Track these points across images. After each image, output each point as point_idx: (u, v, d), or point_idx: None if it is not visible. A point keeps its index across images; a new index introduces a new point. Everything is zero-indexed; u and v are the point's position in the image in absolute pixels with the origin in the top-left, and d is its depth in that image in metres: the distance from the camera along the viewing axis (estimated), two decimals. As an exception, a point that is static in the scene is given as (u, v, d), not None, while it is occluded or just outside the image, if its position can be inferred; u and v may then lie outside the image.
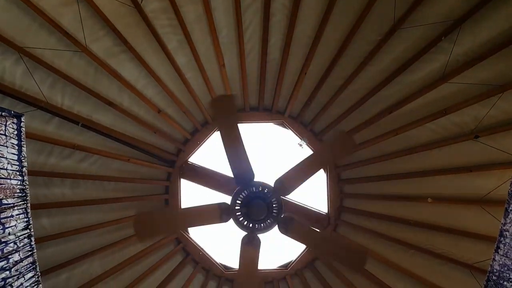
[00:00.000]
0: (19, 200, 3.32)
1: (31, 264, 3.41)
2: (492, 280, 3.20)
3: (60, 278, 4.42)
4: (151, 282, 5.17)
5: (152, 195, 5.19)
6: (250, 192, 3.83)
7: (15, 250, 3.20)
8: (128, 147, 4.80)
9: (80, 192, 4.60)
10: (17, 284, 3.14)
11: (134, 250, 5.01)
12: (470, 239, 4.20)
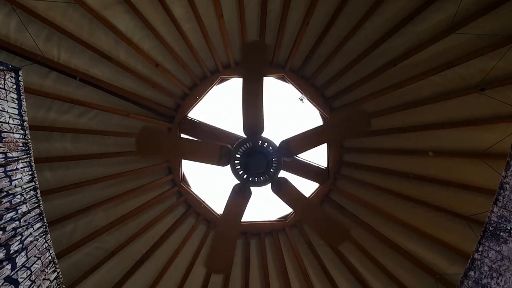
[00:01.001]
0: (23, 153, 3.35)
1: (38, 215, 3.50)
2: (489, 231, 3.27)
3: (66, 229, 4.55)
4: (155, 232, 5.32)
5: (153, 149, 5.20)
6: (254, 145, 3.80)
7: (22, 201, 3.27)
8: (127, 102, 4.76)
9: (81, 146, 4.63)
10: (26, 233, 3.23)
11: (137, 202, 5.13)
12: (469, 192, 4.26)
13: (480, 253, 3.30)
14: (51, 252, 3.58)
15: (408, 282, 4.83)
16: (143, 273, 5.19)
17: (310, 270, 5.49)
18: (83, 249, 4.68)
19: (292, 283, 5.53)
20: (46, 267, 3.43)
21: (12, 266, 2.90)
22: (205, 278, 5.53)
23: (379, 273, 5.03)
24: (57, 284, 3.63)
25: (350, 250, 5.27)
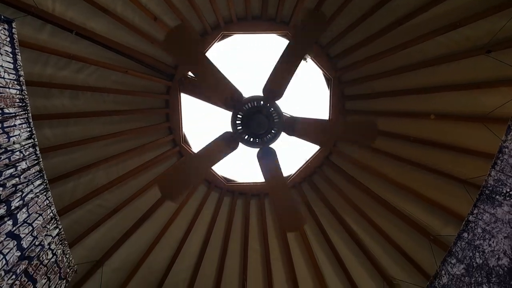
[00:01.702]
0: (20, 109, 3.32)
1: (38, 172, 3.52)
2: (485, 194, 3.30)
3: (67, 186, 4.60)
4: (155, 192, 5.34)
5: (152, 109, 5.16)
6: (245, 111, 3.74)
7: (21, 158, 3.28)
8: (125, 58, 4.65)
9: (79, 103, 4.58)
10: (27, 190, 3.27)
11: (138, 162, 5.16)
12: (468, 156, 4.27)
13: (474, 216, 3.35)
14: (52, 209, 3.64)
15: (403, 242, 4.95)
16: (145, 231, 5.33)
17: (308, 230, 5.61)
18: (85, 207, 4.76)
19: (290, 242, 5.68)
20: (47, 223, 3.50)
21: (14, 222, 2.95)
22: (206, 236, 5.68)
23: (375, 233, 5.15)
24: (60, 240, 3.72)
25: (347, 211, 5.37)
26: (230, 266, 5.72)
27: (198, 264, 5.62)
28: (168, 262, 5.50)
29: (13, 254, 2.89)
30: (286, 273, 5.70)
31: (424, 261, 4.74)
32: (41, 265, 3.35)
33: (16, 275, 2.90)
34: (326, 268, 5.50)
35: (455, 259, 3.48)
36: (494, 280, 3.00)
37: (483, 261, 3.16)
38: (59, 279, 3.69)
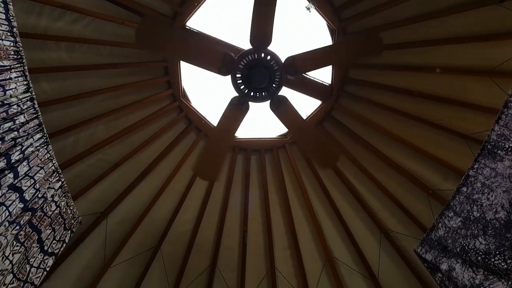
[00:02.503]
0: (15, 62, 3.23)
1: (37, 126, 3.50)
2: (486, 149, 3.28)
3: (68, 141, 4.61)
4: (156, 147, 5.42)
5: (150, 62, 5.03)
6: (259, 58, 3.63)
7: (19, 112, 3.24)
8: (121, 8, 4.46)
9: (76, 56, 4.46)
10: (26, 144, 3.26)
11: (138, 116, 5.13)
12: (472, 111, 4.21)
13: (475, 170, 3.35)
14: (54, 162, 3.65)
15: (402, 197, 5.02)
16: (147, 185, 5.41)
17: (307, 184, 5.68)
18: (87, 161, 4.80)
19: (290, 197, 5.77)
20: (49, 176, 3.53)
21: (15, 175, 2.97)
22: (207, 190, 5.77)
23: (374, 188, 5.22)
24: (63, 193, 3.78)
25: (347, 166, 5.41)
26: (230, 219, 5.87)
27: (200, 217, 5.76)
28: (170, 214, 5.64)
29: (16, 206, 2.94)
30: (286, 225, 5.86)
31: (422, 215, 4.83)
32: (45, 217, 3.43)
33: (20, 225, 2.96)
34: (324, 220, 5.64)
35: (452, 212, 3.53)
36: (490, 232, 3.05)
37: (480, 214, 3.20)
38: (64, 230, 3.79)
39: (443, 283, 3.49)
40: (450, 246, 3.44)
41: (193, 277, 5.69)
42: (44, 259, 3.48)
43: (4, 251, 2.85)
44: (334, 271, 5.45)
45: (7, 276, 2.94)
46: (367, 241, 5.37)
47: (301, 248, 5.71)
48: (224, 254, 5.84)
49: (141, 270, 5.41)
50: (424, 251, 3.82)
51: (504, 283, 2.79)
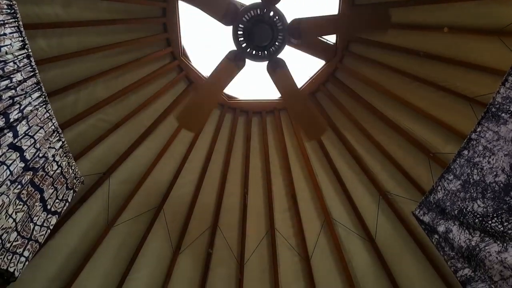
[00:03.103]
0: (9, 17, 3.14)
1: (35, 85, 3.45)
2: (490, 112, 3.23)
3: (67, 100, 4.55)
4: (157, 107, 5.37)
5: (149, 18, 4.85)
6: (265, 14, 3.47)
7: (16, 70, 3.19)
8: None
9: (73, 11, 4.29)
10: (25, 102, 3.22)
11: (137, 75, 5.03)
12: (478, 72, 4.11)
13: (477, 133, 3.33)
14: (53, 122, 3.63)
15: (402, 160, 5.03)
16: (149, 146, 5.42)
17: (308, 147, 5.68)
18: (87, 121, 4.77)
19: (290, 159, 5.79)
20: (50, 136, 3.52)
21: (14, 134, 2.96)
22: (208, 151, 5.78)
23: (374, 150, 5.21)
24: (64, 152, 3.78)
25: (348, 128, 5.38)
26: (231, 181, 5.93)
27: (201, 179, 5.81)
28: (172, 175, 5.69)
29: (17, 165, 2.94)
30: (286, 187, 5.92)
31: (421, 178, 4.86)
32: (47, 176, 3.45)
33: (22, 185, 2.99)
34: (324, 182, 5.69)
35: (452, 175, 3.53)
36: (488, 195, 3.07)
37: (480, 177, 3.21)
38: (66, 189, 3.83)
39: (439, 244, 3.56)
40: (448, 208, 3.48)
41: (195, 236, 5.83)
42: (48, 218, 3.55)
43: (7, 209, 2.90)
44: (332, 232, 5.57)
45: (11, 234, 3.00)
46: (365, 203, 5.45)
47: (301, 209, 5.81)
48: (225, 214, 5.95)
49: (144, 230, 5.53)
50: (422, 213, 3.88)
51: (499, 245, 2.84)
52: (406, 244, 5.13)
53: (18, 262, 3.13)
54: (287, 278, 5.73)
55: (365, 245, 5.46)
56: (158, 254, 5.63)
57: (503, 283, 2.76)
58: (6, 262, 2.98)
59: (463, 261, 3.21)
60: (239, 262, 5.80)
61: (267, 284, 5.77)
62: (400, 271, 5.17)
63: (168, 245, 5.69)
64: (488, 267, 2.88)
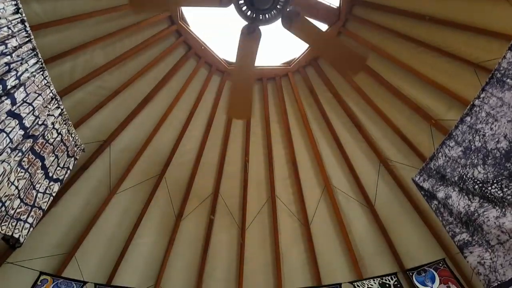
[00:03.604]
0: (0, -19, 3.03)
1: (31, 51, 3.37)
2: (495, 77, 3.17)
3: (65, 67, 4.47)
4: (156, 73, 5.29)
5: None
6: None
7: (10, 35, 3.11)
8: None
9: (65, -26, 4.16)
10: (21, 69, 3.17)
11: (135, 41, 4.92)
12: (485, 37, 4.00)
13: (481, 100, 3.28)
14: (51, 89, 3.59)
15: (403, 126, 5.00)
16: (148, 113, 5.39)
17: (309, 114, 5.65)
18: (85, 88, 4.71)
19: (291, 127, 5.77)
20: (48, 103, 3.48)
21: (12, 101, 2.92)
22: (209, 120, 5.75)
23: (376, 117, 5.19)
24: (63, 120, 3.76)
25: (350, 95, 5.32)
26: (232, 148, 5.93)
27: (202, 146, 5.82)
28: (173, 143, 5.70)
29: (17, 132, 2.93)
30: (286, 155, 5.93)
31: (422, 145, 4.85)
32: (47, 144, 3.44)
33: (23, 152, 2.98)
34: (324, 150, 5.70)
35: (453, 142, 3.52)
36: (489, 162, 3.07)
37: (481, 144, 3.20)
38: (67, 157, 3.84)
39: (438, 210, 3.60)
40: (449, 175, 3.49)
41: (197, 203, 5.90)
42: (50, 185, 3.57)
43: (9, 177, 2.91)
44: (332, 198, 5.63)
45: (15, 201, 3.03)
46: (365, 169, 5.48)
47: (301, 176, 5.86)
48: (226, 182, 6.00)
49: (146, 197, 5.60)
50: (422, 180, 3.90)
51: (498, 210, 2.87)
52: (404, 210, 5.19)
53: (23, 228, 3.18)
54: (287, 243, 5.86)
55: (364, 211, 5.53)
56: (161, 221, 5.72)
57: (500, 247, 2.82)
58: (10, 228, 3.02)
59: (461, 226, 3.26)
60: (241, 228, 5.90)
61: (268, 248, 5.91)
62: (398, 236, 5.27)
63: (171, 212, 5.78)
64: (486, 232, 2.93)
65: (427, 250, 4.90)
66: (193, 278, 5.69)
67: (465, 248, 3.17)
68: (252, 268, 5.79)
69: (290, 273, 5.75)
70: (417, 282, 4.21)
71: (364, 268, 5.39)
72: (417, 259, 4.70)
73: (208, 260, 5.77)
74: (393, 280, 4.33)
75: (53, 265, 4.86)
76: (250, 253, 5.85)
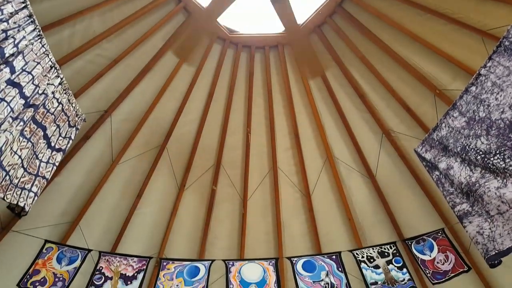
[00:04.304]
0: None
1: (28, 17, 3.29)
2: (503, 45, 3.09)
3: (63, 35, 4.37)
4: (156, 41, 5.20)
5: None
6: None
7: (6, 1, 3.02)
8: None
9: None
10: (19, 36, 3.09)
11: (134, 7, 4.78)
12: (494, 3, 3.89)
13: (487, 69, 3.22)
14: (50, 57, 3.52)
15: (407, 97, 4.93)
16: (149, 83, 5.33)
17: (312, 84, 5.57)
18: (85, 56, 4.63)
19: (294, 97, 5.72)
20: (47, 72, 3.43)
21: (11, 70, 2.88)
22: (210, 90, 5.69)
23: (380, 87, 5.11)
24: (63, 89, 3.72)
25: (354, 64, 5.23)
26: (234, 119, 5.91)
27: (204, 117, 5.79)
28: (174, 114, 5.66)
29: (17, 102, 2.90)
30: (288, 126, 5.91)
31: (426, 115, 4.80)
32: (48, 113, 3.42)
33: (24, 121, 2.96)
34: (327, 121, 5.67)
35: (457, 112, 3.48)
36: (493, 132, 3.04)
37: (486, 114, 3.16)
38: (68, 127, 3.83)
39: (440, 180, 3.60)
40: (451, 145, 3.48)
41: (199, 173, 5.94)
42: (53, 155, 3.58)
43: (12, 146, 2.91)
44: (334, 169, 5.65)
45: (18, 170, 3.04)
46: (368, 140, 5.47)
47: (303, 147, 5.86)
48: (228, 153, 6.02)
49: (148, 167, 5.63)
50: (424, 151, 3.88)
51: (499, 181, 2.87)
52: (405, 180, 5.22)
53: (28, 197, 3.21)
54: (288, 213, 5.94)
55: (365, 182, 5.57)
56: (164, 191, 5.78)
57: (499, 217, 2.84)
58: (15, 197, 3.05)
59: (462, 196, 3.27)
60: (242, 199, 5.97)
61: (269, 218, 6.00)
62: (398, 206, 5.33)
63: (173, 182, 5.83)
64: (486, 202, 2.94)
65: (427, 221, 4.97)
66: (196, 246, 5.81)
67: (465, 218, 3.19)
68: (254, 237, 5.90)
69: (290, 242, 5.87)
70: (415, 251, 4.27)
71: (364, 237, 5.49)
72: (416, 229, 4.74)
73: (210, 229, 5.87)
74: (392, 249, 4.40)
75: (57, 233, 4.96)
76: (252, 222, 5.95)
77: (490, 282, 4.74)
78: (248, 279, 4.34)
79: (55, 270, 4.21)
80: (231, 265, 4.45)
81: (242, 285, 4.29)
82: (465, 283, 4.70)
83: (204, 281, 4.29)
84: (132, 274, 4.40)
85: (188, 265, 4.47)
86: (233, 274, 4.38)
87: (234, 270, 4.42)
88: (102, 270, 4.34)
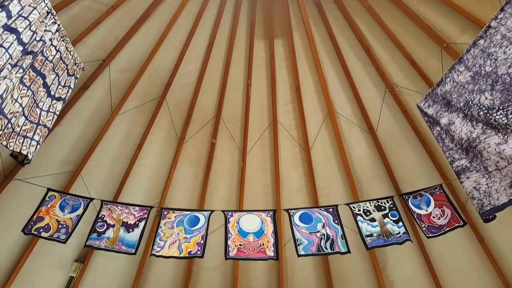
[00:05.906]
0: None
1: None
2: (518, -5, 2.99)
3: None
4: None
5: None
6: None
7: None
8: None
9: None
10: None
11: None
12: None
13: (498, 21, 3.11)
14: (46, 2, 3.38)
15: (413, 50, 4.78)
16: (147, 31, 5.16)
17: (316, 35, 5.42)
18: (81, 2, 4.43)
19: (296, 49, 5.59)
20: (44, 18, 3.30)
21: (7, 14, 2.77)
22: (210, 39, 5.54)
23: (386, 40, 4.94)
24: (60, 37, 3.60)
25: (360, 14, 5.02)
26: (235, 70, 5.81)
27: (204, 69, 5.69)
28: (173, 64, 5.56)
29: (15, 48, 2.82)
30: (290, 79, 5.83)
31: (431, 69, 4.68)
32: (46, 61, 3.34)
33: (23, 69, 2.90)
34: (329, 74, 5.58)
35: (463, 67, 3.42)
36: (498, 88, 3.01)
37: (492, 69, 3.11)
38: (67, 75, 3.76)
39: (440, 136, 3.62)
40: (454, 101, 3.45)
41: (199, 126, 5.94)
42: (53, 104, 3.54)
43: (12, 93, 2.87)
44: (334, 124, 5.66)
45: (20, 118, 3.03)
46: (370, 95, 5.40)
47: (304, 101, 5.82)
48: (228, 106, 5.98)
49: (148, 118, 5.62)
50: (427, 106, 3.86)
51: (500, 137, 2.88)
52: (406, 136, 5.23)
53: (30, 145, 3.22)
54: (287, 167, 6.02)
55: (365, 137, 5.59)
56: (164, 142, 5.82)
57: (497, 173, 2.89)
58: (18, 145, 3.06)
59: (461, 152, 3.30)
60: (242, 152, 6.01)
61: (268, 171, 6.09)
62: (397, 161, 5.39)
63: (173, 134, 5.84)
64: (485, 158, 2.97)
65: (425, 176, 5.04)
66: (196, 197, 5.94)
67: (462, 173, 3.24)
68: (253, 189, 6.03)
69: (288, 195, 6.00)
70: (412, 205, 4.39)
71: (361, 191, 5.61)
72: (414, 185, 4.83)
73: (210, 180, 5.97)
74: (389, 203, 4.51)
75: (60, 183, 5.05)
76: (251, 175, 6.04)
77: (485, 238, 4.88)
78: (246, 228, 4.49)
79: (58, 217, 4.34)
80: (230, 215, 4.60)
81: (241, 234, 4.45)
82: (459, 237, 4.86)
83: (203, 230, 4.45)
84: (134, 222, 4.54)
85: (188, 215, 4.61)
86: (231, 224, 4.54)
87: (233, 220, 4.57)
88: (104, 218, 4.48)
